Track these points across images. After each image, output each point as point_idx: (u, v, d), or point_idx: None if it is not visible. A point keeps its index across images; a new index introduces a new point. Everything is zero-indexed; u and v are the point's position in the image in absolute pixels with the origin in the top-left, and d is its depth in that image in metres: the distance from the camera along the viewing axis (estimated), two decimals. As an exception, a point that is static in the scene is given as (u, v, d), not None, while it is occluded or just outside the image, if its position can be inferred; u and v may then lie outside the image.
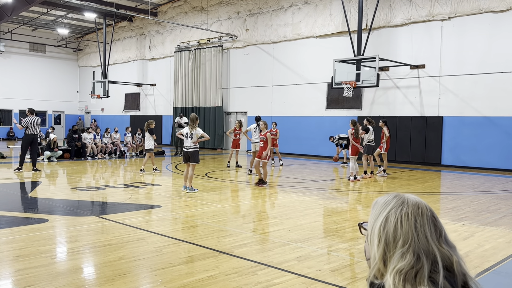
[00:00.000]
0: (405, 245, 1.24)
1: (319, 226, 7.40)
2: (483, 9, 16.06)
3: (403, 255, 1.23)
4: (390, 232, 1.27)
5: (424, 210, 1.28)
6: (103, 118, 33.94)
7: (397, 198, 1.32)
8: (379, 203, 1.34)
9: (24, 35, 33.47)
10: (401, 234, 1.25)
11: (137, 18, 29.75)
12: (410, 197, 1.32)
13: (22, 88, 34.22)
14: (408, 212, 1.27)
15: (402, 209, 1.28)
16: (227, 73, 25.23)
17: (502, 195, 10.60)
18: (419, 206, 1.29)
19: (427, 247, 1.23)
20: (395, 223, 1.27)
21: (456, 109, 16.88)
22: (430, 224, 1.27)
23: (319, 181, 12.83)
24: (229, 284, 4.46)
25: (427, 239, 1.24)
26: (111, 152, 19.89)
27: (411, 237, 1.24)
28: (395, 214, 1.28)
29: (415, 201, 1.30)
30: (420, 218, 1.26)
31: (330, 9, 20.29)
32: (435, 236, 1.25)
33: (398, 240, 1.25)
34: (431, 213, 1.29)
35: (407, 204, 1.29)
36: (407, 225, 1.25)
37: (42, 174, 13.65)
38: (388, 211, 1.30)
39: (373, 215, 1.35)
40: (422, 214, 1.27)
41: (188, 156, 10.46)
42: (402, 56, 17.97)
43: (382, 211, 1.31)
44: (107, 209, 8.83)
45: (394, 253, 1.25)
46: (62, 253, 5.69)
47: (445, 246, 1.24)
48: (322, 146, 20.70)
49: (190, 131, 10.48)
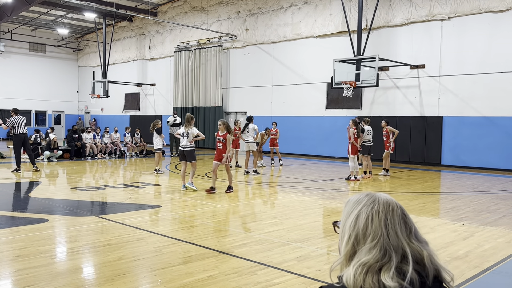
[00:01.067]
0: (373, 241, 1.27)
1: (319, 226, 7.40)
2: (483, 9, 16.06)
3: (370, 250, 1.26)
4: (360, 229, 1.30)
5: (394, 208, 1.32)
6: (103, 118, 33.93)
7: (368, 197, 1.35)
8: (351, 201, 1.38)
9: (24, 35, 33.46)
10: (371, 231, 1.28)
11: (137, 18, 29.75)
12: (382, 196, 1.35)
13: (22, 88, 34.21)
14: (379, 210, 1.30)
15: (373, 207, 1.31)
16: (227, 73, 25.23)
17: (502, 195, 10.61)
18: (389, 204, 1.32)
19: (397, 243, 1.26)
20: (366, 220, 1.30)
21: (456, 109, 16.88)
22: (400, 221, 1.30)
23: (319, 181, 12.83)
24: (228, 284, 4.46)
25: (397, 235, 1.27)
26: (111, 152, 19.90)
27: (380, 233, 1.27)
28: (366, 211, 1.31)
29: (386, 200, 1.33)
30: (390, 216, 1.30)
31: (330, 9, 20.29)
32: (405, 232, 1.29)
33: (367, 237, 1.28)
34: (402, 211, 1.32)
35: (378, 202, 1.32)
36: (377, 222, 1.29)
37: (42, 174, 13.65)
38: (360, 209, 1.33)
39: (345, 213, 1.38)
40: (392, 212, 1.30)
41: (184, 155, 10.69)
42: (402, 56, 17.97)
43: (353, 209, 1.34)
44: (107, 209, 8.83)
45: (362, 249, 1.28)
46: (62, 253, 5.69)
47: (415, 242, 1.28)
48: (322, 146, 20.71)
49: (186, 131, 10.64)
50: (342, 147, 17.89)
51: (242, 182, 12.67)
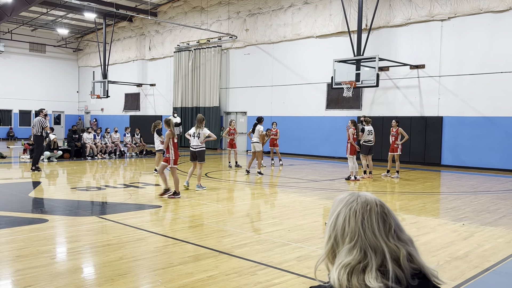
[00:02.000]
0: (352, 241, 1.27)
1: (319, 226, 7.40)
2: (483, 9, 16.06)
3: (350, 251, 1.26)
4: (339, 229, 1.30)
5: (373, 207, 1.31)
6: (103, 118, 33.93)
7: (349, 196, 1.36)
8: (336, 200, 1.39)
9: (24, 35, 33.46)
10: (349, 231, 1.28)
11: (137, 18, 29.75)
12: (362, 195, 1.35)
13: (22, 88, 34.21)
14: (357, 210, 1.30)
15: (352, 206, 1.31)
16: (227, 73, 25.23)
17: (502, 195, 10.61)
18: (368, 203, 1.31)
19: (374, 243, 1.26)
20: (344, 220, 1.30)
21: (456, 109, 16.88)
22: (379, 220, 1.29)
23: (319, 181, 12.83)
24: (229, 284, 4.46)
25: (374, 235, 1.26)
26: (111, 152, 19.90)
27: (357, 233, 1.27)
28: (344, 211, 1.32)
29: (365, 199, 1.33)
30: (367, 215, 1.29)
31: (330, 9, 20.29)
32: (383, 231, 1.28)
33: (346, 237, 1.28)
34: (381, 209, 1.31)
35: (357, 202, 1.32)
36: (354, 222, 1.29)
37: (42, 174, 13.64)
38: (340, 208, 1.34)
39: (330, 212, 1.39)
40: (370, 211, 1.30)
41: (195, 155, 10.67)
42: (402, 56, 17.97)
43: (335, 209, 1.36)
44: (107, 209, 8.83)
45: (342, 249, 1.28)
46: (62, 253, 5.69)
47: (393, 241, 1.27)
48: (322, 146, 20.71)
49: (197, 131, 10.63)
50: (342, 147, 17.88)
51: (242, 182, 12.67)
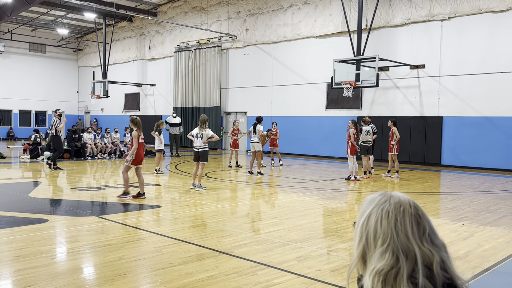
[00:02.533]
0: (384, 244, 1.21)
1: (319, 226, 7.40)
2: (483, 9, 16.06)
3: (382, 255, 1.20)
4: (371, 230, 1.25)
5: (406, 208, 1.25)
6: (103, 118, 33.93)
7: (381, 196, 1.30)
8: (366, 201, 1.33)
9: (24, 35, 33.45)
10: (381, 233, 1.22)
11: (137, 18, 29.75)
12: (395, 195, 1.29)
13: (22, 88, 34.22)
14: (389, 210, 1.24)
15: (384, 207, 1.26)
16: (227, 73, 25.23)
17: (502, 195, 10.61)
18: (401, 204, 1.26)
19: (407, 246, 1.20)
20: (376, 222, 1.24)
21: (456, 109, 16.88)
22: (413, 222, 1.23)
23: (319, 181, 12.83)
24: (229, 284, 4.46)
25: (407, 237, 1.21)
26: (111, 152, 19.89)
27: (390, 236, 1.21)
28: (376, 212, 1.26)
29: (398, 199, 1.27)
30: (401, 217, 1.23)
31: (329, 9, 20.29)
32: (417, 234, 1.22)
33: (378, 239, 1.23)
34: (415, 211, 1.26)
35: (390, 202, 1.26)
36: (386, 224, 1.23)
37: (41, 174, 13.64)
38: (371, 209, 1.28)
39: (359, 213, 1.33)
40: (403, 212, 1.24)
41: (199, 156, 10.69)
42: (401, 56, 17.97)
43: (366, 209, 1.29)
44: (107, 209, 8.83)
45: (374, 252, 1.22)
46: (62, 253, 5.69)
47: (427, 245, 1.21)
48: (322, 146, 20.71)
49: (200, 132, 10.63)
50: (342, 147, 17.88)
51: (242, 182, 12.67)
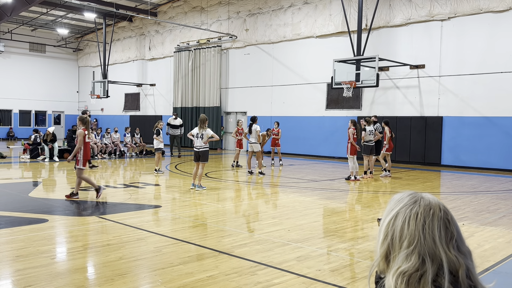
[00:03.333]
0: (410, 246, 1.19)
1: (319, 226, 7.40)
2: (483, 9, 16.06)
3: (408, 257, 1.19)
4: (397, 230, 1.23)
5: (436, 212, 1.23)
6: (103, 118, 33.93)
7: (411, 196, 1.28)
8: (394, 199, 1.31)
9: (24, 35, 33.46)
10: (407, 234, 1.21)
11: (137, 18, 29.75)
12: (425, 197, 1.27)
13: (22, 88, 34.21)
14: (418, 212, 1.23)
15: (413, 208, 1.24)
16: (227, 73, 25.22)
17: (502, 195, 10.61)
18: (431, 207, 1.24)
19: (433, 250, 1.18)
20: (403, 222, 1.23)
21: (456, 109, 16.88)
22: (441, 226, 1.22)
23: (319, 181, 12.83)
24: (229, 284, 4.46)
25: (434, 241, 1.19)
26: (111, 152, 19.89)
27: (417, 238, 1.19)
28: (404, 212, 1.24)
29: (428, 201, 1.25)
30: (429, 220, 1.21)
31: (329, 9, 20.29)
32: (444, 239, 1.20)
33: (403, 240, 1.21)
34: (445, 215, 1.24)
35: (419, 204, 1.24)
36: (414, 226, 1.21)
37: (41, 174, 13.62)
38: (399, 208, 1.26)
39: (386, 210, 1.31)
40: (433, 216, 1.22)
41: (199, 156, 10.71)
42: (401, 56, 17.97)
43: (394, 208, 1.27)
44: (107, 209, 8.82)
45: (399, 253, 1.21)
46: (62, 253, 5.69)
47: (453, 251, 1.20)
48: (322, 146, 20.71)
49: (200, 132, 10.65)
50: (342, 147, 17.89)
51: (242, 182, 12.67)
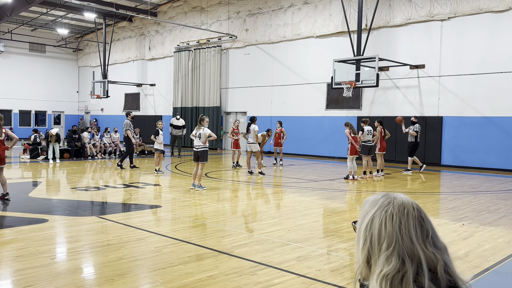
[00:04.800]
0: (389, 248, 1.20)
1: (319, 226, 7.40)
2: (483, 9, 16.06)
3: (388, 259, 1.20)
4: (375, 233, 1.24)
5: (410, 211, 1.24)
6: (103, 118, 33.93)
7: (384, 198, 1.29)
8: (368, 202, 1.31)
9: (23, 35, 33.45)
10: (385, 236, 1.22)
11: (137, 18, 29.74)
12: (398, 197, 1.28)
13: (22, 88, 34.20)
14: (393, 213, 1.23)
15: (387, 209, 1.24)
16: (227, 73, 25.22)
17: (502, 195, 10.61)
18: (405, 206, 1.25)
19: (411, 249, 1.19)
20: (380, 225, 1.23)
21: (456, 109, 16.88)
22: (416, 225, 1.22)
23: (319, 181, 12.83)
24: (229, 284, 4.46)
25: (412, 241, 1.20)
26: (111, 152, 19.88)
27: (395, 239, 1.20)
28: (380, 215, 1.25)
29: (401, 201, 1.26)
30: (405, 219, 1.22)
31: (329, 9, 20.29)
32: (421, 237, 1.21)
33: (382, 242, 1.22)
34: (419, 214, 1.25)
35: (393, 204, 1.25)
36: (391, 227, 1.22)
37: (41, 174, 13.62)
38: (375, 211, 1.26)
39: (361, 214, 1.32)
40: (407, 215, 1.23)
41: (198, 156, 10.70)
42: (401, 56, 17.97)
43: (369, 211, 1.28)
44: (107, 209, 8.83)
45: (379, 256, 1.21)
46: (62, 253, 5.69)
47: (430, 248, 1.21)
48: (322, 146, 20.70)
49: (197, 132, 10.66)
50: (342, 147, 17.90)
51: (242, 182, 12.67)
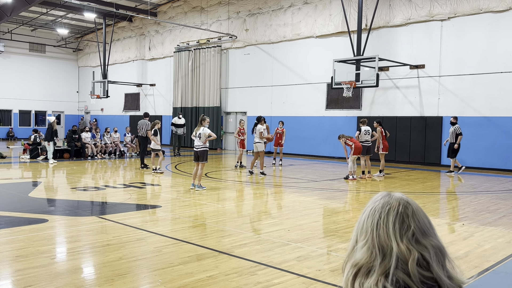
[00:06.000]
0: (364, 239, 1.24)
1: (319, 226, 7.40)
2: (483, 9, 16.06)
3: (361, 249, 1.23)
4: (359, 227, 1.28)
5: (393, 206, 1.25)
6: (103, 118, 33.93)
7: (380, 196, 1.32)
8: (370, 201, 1.35)
9: (23, 35, 33.44)
10: (365, 229, 1.26)
11: (137, 18, 29.74)
12: (392, 195, 1.30)
13: (22, 88, 34.20)
14: (376, 208, 1.27)
15: (374, 205, 1.28)
16: (227, 73, 25.22)
17: (502, 195, 10.61)
18: (389, 202, 1.27)
19: (385, 243, 1.20)
20: (364, 219, 1.28)
21: (456, 109, 16.87)
22: (396, 220, 1.23)
23: (319, 181, 12.83)
24: (228, 284, 4.46)
25: (387, 234, 1.21)
26: (111, 152, 19.89)
27: (370, 232, 1.23)
28: (368, 210, 1.29)
29: (388, 198, 1.29)
30: (385, 214, 1.24)
31: (329, 9, 20.29)
32: (398, 232, 1.21)
33: (361, 235, 1.26)
34: (404, 210, 1.25)
35: (380, 201, 1.29)
36: (370, 221, 1.25)
37: (41, 173, 13.62)
38: (366, 207, 1.31)
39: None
40: (388, 210, 1.25)
41: (198, 156, 10.70)
42: (401, 56, 17.97)
43: (365, 208, 1.32)
44: (106, 209, 8.83)
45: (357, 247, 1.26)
46: (62, 253, 5.69)
47: (406, 243, 1.20)
48: (322, 146, 20.70)
49: (197, 132, 10.68)
50: (341, 147, 17.85)
51: (242, 183, 12.67)
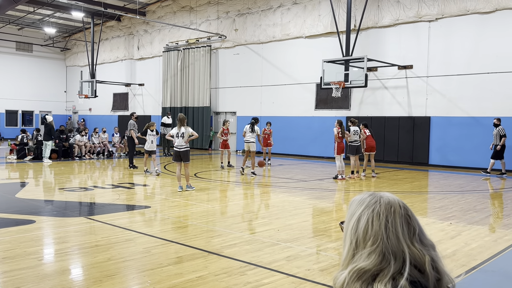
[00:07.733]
0: (373, 245, 1.21)
1: (308, 226, 7.43)
2: (470, 11, 16.23)
3: (369, 255, 1.20)
4: (360, 232, 1.24)
5: (397, 209, 1.25)
6: (91, 118, 33.67)
7: (371, 197, 1.29)
8: (355, 202, 1.32)
9: (10, 34, 33.04)
10: (371, 234, 1.22)
11: (125, 18, 29.56)
12: (384, 196, 1.29)
13: (9, 88, 33.79)
14: (380, 212, 1.24)
15: (374, 208, 1.25)
16: (216, 73, 25.18)
17: (488, 194, 10.73)
18: (391, 205, 1.25)
19: (397, 247, 1.20)
20: (366, 223, 1.24)
21: (444, 109, 17.04)
22: (403, 223, 1.23)
23: (308, 181, 12.86)
24: (218, 284, 4.46)
25: (398, 238, 1.20)
26: (99, 152, 19.75)
27: (380, 237, 1.21)
28: (366, 214, 1.25)
29: (387, 200, 1.27)
30: (392, 218, 1.23)
31: (318, 10, 20.36)
32: (407, 235, 1.21)
33: (367, 241, 1.22)
34: (405, 212, 1.25)
35: (380, 203, 1.26)
36: (377, 225, 1.22)
37: (29, 174, 13.48)
38: (361, 211, 1.27)
39: (348, 214, 1.32)
40: (394, 213, 1.24)
41: (180, 156, 10.50)
42: (390, 56, 18.09)
43: (356, 211, 1.29)
44: (95, 210, 8.76)
45: (362, 253, 1.22)
46: (50, 255, 5.63)
47: (417, 245, 1.21)
48: (311, 146, 20.76)
49: (180, 131, 10.47)
50: (331, 147, 17.93)
51: (231, 183, 12.66)
